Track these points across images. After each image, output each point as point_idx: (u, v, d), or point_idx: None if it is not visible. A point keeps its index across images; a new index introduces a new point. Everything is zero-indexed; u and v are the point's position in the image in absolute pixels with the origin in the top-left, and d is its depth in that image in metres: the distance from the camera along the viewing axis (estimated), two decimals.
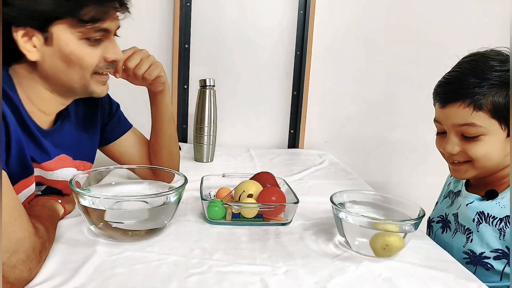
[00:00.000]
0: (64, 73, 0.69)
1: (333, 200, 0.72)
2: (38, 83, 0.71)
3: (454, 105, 0.72)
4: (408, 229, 0.67)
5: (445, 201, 0.91)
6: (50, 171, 0.76)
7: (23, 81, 0.70)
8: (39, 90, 0.71)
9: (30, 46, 0.66)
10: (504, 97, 0.68)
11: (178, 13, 1.51)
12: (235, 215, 0.79)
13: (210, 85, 1.28)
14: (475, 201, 0.76)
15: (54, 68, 0.69)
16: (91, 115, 0.88)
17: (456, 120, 0.73)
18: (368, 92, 1.68)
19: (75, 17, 0.65)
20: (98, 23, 0.67)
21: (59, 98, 0.74)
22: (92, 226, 0.68)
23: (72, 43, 0.67)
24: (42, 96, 0.72)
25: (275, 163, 1.38)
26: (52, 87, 0.72)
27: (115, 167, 0.90)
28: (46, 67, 0.68)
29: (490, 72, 0.69)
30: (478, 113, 0.69)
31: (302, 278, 0.60)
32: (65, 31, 0.66)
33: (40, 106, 0.72)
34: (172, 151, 0.98)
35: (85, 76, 0.71)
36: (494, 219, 0.72)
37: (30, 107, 0.71)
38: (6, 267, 0.50)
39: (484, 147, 0.71)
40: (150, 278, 0.57)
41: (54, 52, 0.67)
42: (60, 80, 0.70)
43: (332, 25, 1.60)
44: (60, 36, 0.66)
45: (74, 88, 0.72)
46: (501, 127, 0.70)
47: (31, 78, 0.70)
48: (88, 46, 0.69)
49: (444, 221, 0.85)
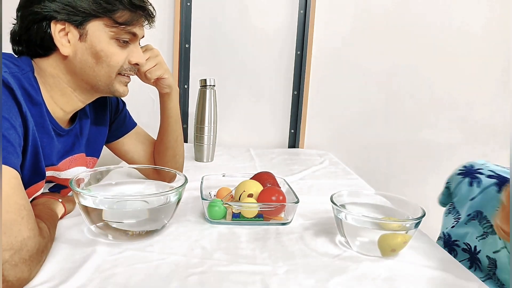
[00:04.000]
0: (92, 69, 0.73)
1: (333, 200, 0.73)
2: (62, 80, 0.73)
3: None
4: (409, 229, 0.67)
5: (473, 224, 0.77)
6: (64, 170, 0.78)
7: (47, 78, 0.72)
8: (62, 87, 0.74)
9: (65, 41, 0.70)
10: None
11: (179, 12, 1.51)
12: (235, 215, 0.79)
13: (210, 84, 1.28)
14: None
15: (83, 63, 0.72)
16: (101, 111, 0.91)
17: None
18: (369, 92, 1.69)
19: (110, 18, 0.71)
20: (129, 27, 0.73)
21: (81, 96, 0.77)
22: (92, 226, 0.68)
23: (104, 41, 0.72)
24: (64, 93, 0.74)
25: (275, 163, 1.38)
26: (76, 83, 0.74)
27: (115, 167, 0.90)
28: (76, 62, 0.72)
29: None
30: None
31: (302, 278, 0.60)
32: (99, 29, 0.71)
33: (61, 103, 0.75)
34: (177, 153, 1.00)
35: (110, 74, 0.75)
36: None
37: (51, 106, 0.73)
38: (8, 265, 0.50)
39: None
40: (150, 278, 0.57)
41: (86, 48, 0.71)
42: (87, 76, 0.73)
43: (332, 25, 1.61)
44: (94, 33, 0.71)
45: (99, 85, 0.75)
46: None
47: (55, 74, 0.72)
48: (117, 46, 0.74)
49: (472, 256, 0.74)
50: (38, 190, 0.73)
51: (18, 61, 0.69)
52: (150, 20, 0.78)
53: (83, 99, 0.78)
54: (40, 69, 0.72)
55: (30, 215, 0.55)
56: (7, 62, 0.66)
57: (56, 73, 0.72)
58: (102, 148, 0.94)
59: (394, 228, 0.67)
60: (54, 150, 0.75)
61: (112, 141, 0.98)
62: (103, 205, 0.66)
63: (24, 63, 0.70)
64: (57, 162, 0.76)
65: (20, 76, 0.66)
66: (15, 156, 0.57)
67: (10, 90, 0.60)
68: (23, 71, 0.68)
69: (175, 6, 1.51)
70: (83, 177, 0.74)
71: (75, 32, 0.70)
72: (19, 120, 0.60)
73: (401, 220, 0.70)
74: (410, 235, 0.68)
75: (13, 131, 0.58)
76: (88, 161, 0.88)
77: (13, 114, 0.59)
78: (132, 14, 0.73)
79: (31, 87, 0.68)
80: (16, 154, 0.58)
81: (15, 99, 0.60)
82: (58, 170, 0.77)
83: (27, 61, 0.71)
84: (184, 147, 1.04)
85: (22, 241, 0.52)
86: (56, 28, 0.69)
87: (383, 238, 0.65)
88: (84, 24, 0.70)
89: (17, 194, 0.55)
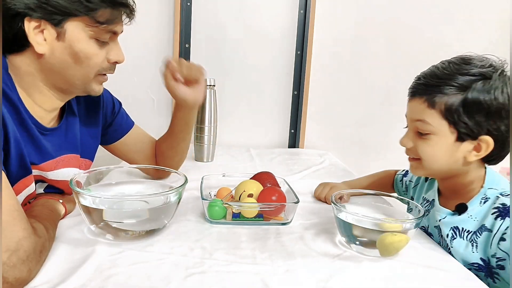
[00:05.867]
0: (70, 69, 0.70)
1: (333, 200, 0.72)
2: (37, 78, 0.70)
3: (415, 99, 0.73)
4: (408, 228, 0.67)
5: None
6: (50, 171, 0.76)
7: (22, 75, 0.69)
8: (38, 86, 0.71)
9: (40, 38, 0.66)
10: (457, 104, 0.67)
11: (179, 12, 1.51)
12: (235, 214, 0.79)
13: (210, 84, 1.28)
14: (448, 216, 0.74)
15: (61, 64, 0.69)
16: (93, 113, 0.88)
17: (413, 114, 0.74)
18: (369, 91, 1.68)
19: (92, 17, 0.67)
20: (111, 26, 0.70)
21: (57, 94, 0.74)
22: (92, 225, 0.67)
23: (83, 41, 0.68)
24: (41, 91, 0.72)
25: (275, 162, 1.38)
26: (52, 82, 0.72)
27: (115, 166, 0.90)
28: (53, 61, 0.69)
29: (454, 74, 0.68)
30: (431, 110, 0.69)
31: (302, 277, 0.60)
32: (78, 29, 0.67)
33: (40, 102, 0.72)
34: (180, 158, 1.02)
35: (89, 75, 0.72)
36: (469, 233, 0.71)
37: (29, 103, 0.70)
38: (6, 267, 0.50)
39: (431, 146, 0.71)
40: (150, 278, 0.57)
41: (64, 48, 0.68)
42: (64, 76, 0.71)
43: (332, 24, 1.60)
44: (73, 33, 0.67)
45: (76, 84, 0.73)
46: (450, 129, 0.68)
47: (30, 72, 0.69)
48: (96, 47, 0.70)
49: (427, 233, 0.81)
50: (27, 185, 0.71)
51: None
52: (131, 17, 0.74)
53: (60, 97, 0.75)
54: (14, 66, 0.68)
55: (21, 215, 0.55)
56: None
57: (30, 71, 0.69)
58: (96, 151, 0.92)
59: (394, 228, 0.67)
60: (37, 149, 0.72)
61: (112, 142, 0.96)
62: (103, 205, 0.66)
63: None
64: (40, 161, 0.73)
65: None
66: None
67: None
68: None
69: (175, 6, 1.51)
70: (84, 177, 0.73)
71: (52, 30, 0.66)
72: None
73: (401, 220, 0.70)
74: (409, 235, 0.68)
75: None
76: (81, 162, 0.85)
77: None
78: (113, 12, 0.70)
79: (5, 85, 0.65)
80: None
81: None
82: (43, 170, 0.74)
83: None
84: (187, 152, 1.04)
85: (17, 242, 0.52)
86: (30, 26, 0.64)
87: (383, 238, 0.65)
88: (62, 23, 0.66)
89: (5, 194, 0.54)
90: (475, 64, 0.68)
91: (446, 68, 0.70)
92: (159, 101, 1.60)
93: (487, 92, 0.66)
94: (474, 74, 0.67)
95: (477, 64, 0.68)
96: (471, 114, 0.67)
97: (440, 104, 0.68)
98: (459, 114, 0.67)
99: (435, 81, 0.70)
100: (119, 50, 0.76)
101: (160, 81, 0.91)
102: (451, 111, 0.67)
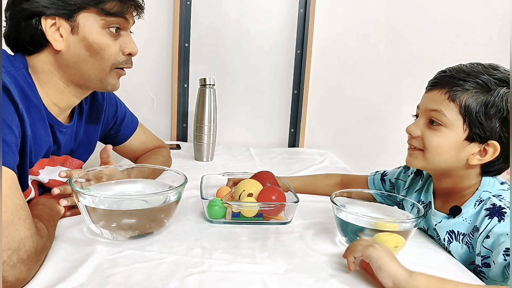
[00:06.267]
0: (85, 62, 0.72)
1: (333, 199, 0.72)
2: (55, 75, 0.73)
3: (435, 90, 0.73)
4: (408, 228, 0.67)
5: None
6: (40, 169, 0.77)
7: (40, 74, 0.72)
8: (55, 83, 0.73)
9: (57, 35, 0.69)
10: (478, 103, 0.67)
11: (178, 11, 1.51)
12: (235, 214, 0.79)
13: (210, 83, 1.28)
14: (443, 220, 0.74)
15: (77, 57, 0.71)
16: (95, 115, 0.90)
17: (430, 104, 0.73)
18: (369, 91, 1.68)
19: (101, 9, 0.70)
20: (120, 17, 0.73)
21: (74, 91, 0.76)
22: (92, 225, 0.67)
23: (96, 31, 0.71)
24: (58, 88, 0.74)
25: (275, 162, 1.38)
26: (68, 78, 0.74)
27: (115, 166, 0.90)
28: (69, 56, 0.71)
29: (481, 73, 0.68)
30: (450, 103, 0.70)
31: (302, 277, 0.60)
32: (90, 21, 0.70)
33: (56, 100, 0.74)
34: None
35: (104, 68, 0.74)
36: (464, 236, 0.71)
37: (47, 102, 0.73)
38: (6, 266, 0.50)
39: (440, 138, 0.71)
40: (150, 277, 0.57)
41: (78, 41, 0.71)
42: (81, 70, 0.73)
43: (332, 23, 1.60)
44: (86, 24, 0.70)
45: (92, 79, 0.75)
46: (463, 127, 0.69)
47: (48, 70, 0.72)
48: (109, 37, 0.73)
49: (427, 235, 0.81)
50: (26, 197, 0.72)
51: (10, 58, 0.69)
52: (140, 11, 0.77)
53: (76, 94, 0.77)
54: (32, 66, 0.71)
55: (27, 215, 0.55)
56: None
57: (48, 68, 0.72)
58: (91, 153, 0.93)
59: (393, 227, 0.67)
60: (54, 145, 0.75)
61: (118, 144, 1.01)
62: (103, 205, 0.66)
63: (18, 60, 0.69)
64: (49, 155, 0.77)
65: (15, 74, 0.66)
66: (11, 156, 0.57)
67: (6, 91, 0.59)
68: (17, 68, 0.67)
69: (174, 4, 1.51)
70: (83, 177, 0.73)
71: (66, 25, 0.69)
72: (15, 120, 0.60)
73: (401, 220, 0.70)
74: (409, 235, 0.68)
75: (9, 131, 0.58)
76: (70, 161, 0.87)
77: (9, 114, 0.59)
78: (121, 5, 0.72)
79: (27, 84, 0.68)
80: (12, 154, 0.58)
81: (12, 99, 0.60)
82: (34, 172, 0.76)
83: (20, 58, 0.70)
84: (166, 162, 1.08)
85: (19, 241, 0.52)
86: (47, 24, 0.68)
87: (382, 237, 0.65)
88: (74, 16, 0.69)
89: (14, 194, 0.55)
90: (502, 71, 0.69)
91: (474, 67, 0.70)
92: (159, 100, 1.60)
93: (507, 101, 0.66)
94: (499, 79, 0.67)
95: (503, 71, 0.69)
96: (489, 116, 0.67)
97: (461, 100, 0.68)
98: (477, 114, 0.67)
99: (461, 76, 0.70)
100: (132, 42, 0.77)
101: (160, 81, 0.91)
102: (470, 109, 0.68)
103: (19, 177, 0.62)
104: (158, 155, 1.04)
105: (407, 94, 1.67)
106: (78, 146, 0.87)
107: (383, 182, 0.95)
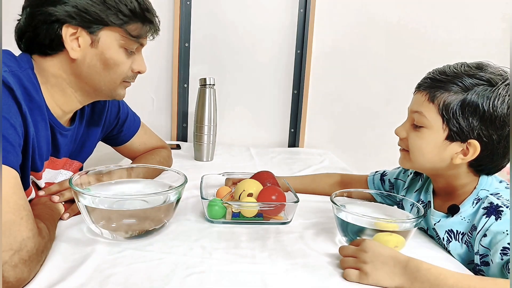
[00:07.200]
0: (98, 74, 0.74)
1: (333, 199, 0.72)
2: (64, 80, 0.74)
3: (419, 92, 0.74)
4: (408, 228, 0.67)
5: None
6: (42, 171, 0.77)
7: (48, 77, 0.72)
8: (63, 87, 0.74)
9: (75, 44, 0.71)
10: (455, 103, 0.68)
11: (178, 11, 1.51)
12: (235, 214, 0.79)
13: (210, 84, 1.28)
14: (442, 219, 0.74)
15: (91, 68, 0.73)
16: (97, 117, 0.90)
17: (413, 106, 0.75)
18: (369, 91, 1.68)
19: (124, 29, 0.73)
20: (140, 39, 0.77)
21: (81, 97, 0.77)
22: (92, 225, 0.67)
23: (114, 49, 0.74)
24: (65, 93, 0.75)
25: (275, 162, 1.38)
26: (79, 85, 0.75)
27: (115, 166, 0.90)
28: (83, 66, 0.73)
29: (462, 75, 0.69)
30: (430, 104, 0.71)
31: (302, 277, 0.60)
32: (110, 38, 0.73)
33: (61, 103, 0.75)
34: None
35: (115, 81, 0.77)
36: (463, 235, 0.71)
37: (51, 104, 0.74)
38: (7, 266, 0.50)
39: (422, 139, 0.72)
40: (150, 277, 0.57)
41: (95, 54, 0.72)
42: (92, 80, 0.75)
43: (332, 23, 1.60)
44: (106, 41, 0.72)
45: (102, 89, 0.77)
46: (443, 126, 0.69)
47: (58, 74, 0.73)
48: (124, 55, 0.75)
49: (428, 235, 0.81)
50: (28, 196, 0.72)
51: (16, 58, 0.69)
52: (155, 35, 0.81)
53: (82, 100, 0.78)
54: (40, 67, 0.71)
55: (29, 215, 0.55)
56: (5, 59, 0.65)
57: (59, 73, 0.72)
58: (90, 154, 0.94)
59: (393, 227, 0.67)
60: (53, 147, 0.75)
61: (121, 144, 1.01)
62: (103, 205, 0.66)
63: (23, 60, 0.69)
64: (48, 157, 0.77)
65: (19, 74, 0.66)
66: (14, 156, 0.57)
67: (9, 90, 0.59)
68: (22, 68, 0.68)
69: (174, 4, 1.51)
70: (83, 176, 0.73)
71: (87, 37, 0.71)
72: (19, 119, 0.60)
73: (401, 220, 0.70)
74: (409, 235, 0.68)
75: (13, 131, 0.58)
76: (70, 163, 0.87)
77: (13, 113, 0.59)
78: (143, 28, 0.76)
79: (31, 85, 0.68)
80: (16, 153, 0.58)
81: (15, 99, 0.60)
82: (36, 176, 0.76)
83: (26, 57, 0.70)
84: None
85: (21, 242, 0.52)
86: (67, 32, 0.69)
87: (382, 237, 0.65)
88: (97, 31, 0.71)
89: (16, 194, 0.55)
90: (487, 71, 0.68)
91: (457, 68, 0.71)
92: (159, 100, 1.60)
93: (487, 98, 0.66)
94: (480, 78, 0.67)
95: (489, 71, 0.68)
96: (466, 115, 0.67)
97: (439, 100, 0.69)
98: (454, 113, 0.68)
99: (442, 78, 0.71)
100: (143, 61, 0.81)
101: (160, 81, 0.92)
102: (447, 109, 0.68)
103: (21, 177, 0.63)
104: (155, 155, 1.04)
105: (407, 94, 1.67)
106: (77, 148, 0.88)
107: (383, 182, 0.95)
